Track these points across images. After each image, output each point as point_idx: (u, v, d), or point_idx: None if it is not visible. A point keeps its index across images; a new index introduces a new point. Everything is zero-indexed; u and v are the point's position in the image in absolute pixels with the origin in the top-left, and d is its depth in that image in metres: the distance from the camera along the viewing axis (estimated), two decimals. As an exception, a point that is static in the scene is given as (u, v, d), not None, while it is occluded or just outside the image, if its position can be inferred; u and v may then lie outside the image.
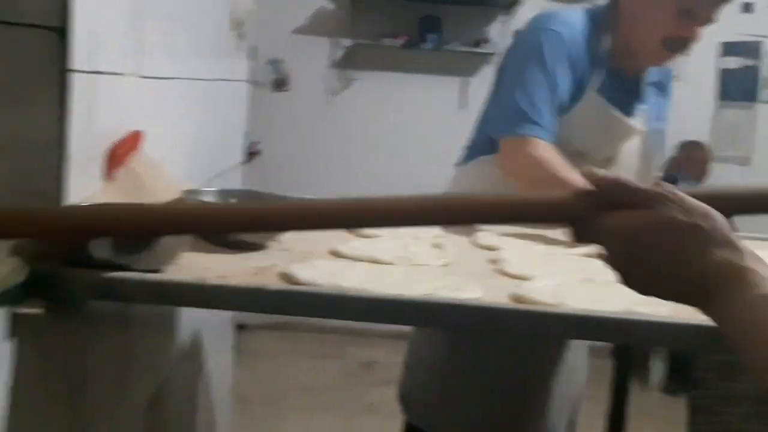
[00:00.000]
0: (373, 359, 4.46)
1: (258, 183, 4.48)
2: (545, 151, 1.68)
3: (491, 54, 4.77)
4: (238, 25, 2.54)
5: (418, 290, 1.06)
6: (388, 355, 3.52)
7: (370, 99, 4.98)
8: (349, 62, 4.98)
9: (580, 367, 1.98)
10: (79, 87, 1.13)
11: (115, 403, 1.35)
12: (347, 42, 4.90)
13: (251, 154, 4.66)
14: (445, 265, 1.29)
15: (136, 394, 1.47)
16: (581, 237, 0.79)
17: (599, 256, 0.77)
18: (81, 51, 1.12)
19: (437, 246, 1.39)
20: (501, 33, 4.82)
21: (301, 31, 4.95)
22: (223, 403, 2.49)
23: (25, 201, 1.10)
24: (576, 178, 1.34)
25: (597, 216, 0.72)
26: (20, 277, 0.98)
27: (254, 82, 4.74)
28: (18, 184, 1.10)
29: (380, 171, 4.86)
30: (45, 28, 1.07)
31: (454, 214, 0.84)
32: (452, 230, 1.56)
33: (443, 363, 1.83)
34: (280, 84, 4.95)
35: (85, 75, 1.16)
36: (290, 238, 1.35)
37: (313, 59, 4.95)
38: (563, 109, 1.77)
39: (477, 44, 4.85)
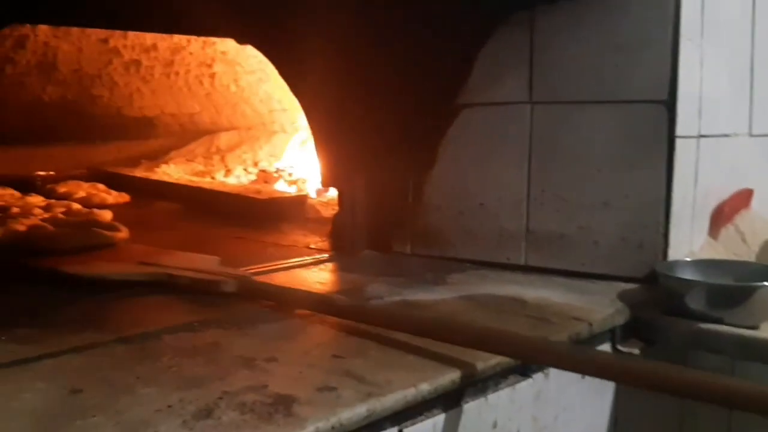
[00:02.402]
0: None
1: None
2: None
3: None
4: None
5: None
6: None
7: None
8: None
9: None
10: (683, 151, 1.24)
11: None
12: None
13: None
14: None
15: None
16: None
17: None
18: (686, 118, 1.23)
19: None
20: None
21: None
22: None
23: (628, 251, 1.26)
24: None
25: None
26: (622, 318, 1.13)
27: None
28: (623, 235, 1.26)
29: None
30: (654, 101, 1.22)
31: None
32: None
33: None
34: None
35: (689, 140, 1.26)
36: None
37: None
38: None
39: None
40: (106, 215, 2.03)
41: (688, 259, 1.25)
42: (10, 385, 0.78)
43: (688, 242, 1.30)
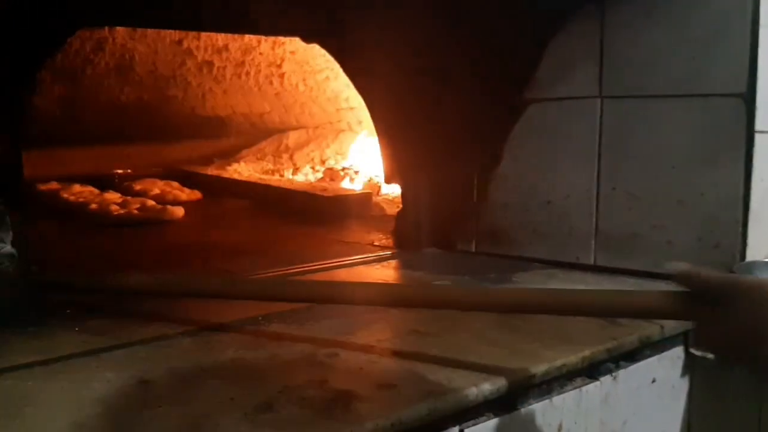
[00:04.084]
0: None
1: None
2: None
3: None
4: None
5: None
6: None
7: None
8: None
9: None
10: (763, 146, 1.18)
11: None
12: None
13: None
14: None
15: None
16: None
17: None
18: (766, 112, 1.17)
19: None
20: None
21: None
22: None
23: (703, 251, 1.20)
24: None
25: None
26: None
27: None
28: (699, 235, 1.21)
29: None
30: (731, 95, 1.17)
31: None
32: None
33: None
34: None
35: (770, 135, 1.20)
36: None
37: None
38: None
39: None
40: (179, 212, 2.10)
41: (768, 260, 1.19)
42: (82, 374, 0.81)
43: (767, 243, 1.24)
